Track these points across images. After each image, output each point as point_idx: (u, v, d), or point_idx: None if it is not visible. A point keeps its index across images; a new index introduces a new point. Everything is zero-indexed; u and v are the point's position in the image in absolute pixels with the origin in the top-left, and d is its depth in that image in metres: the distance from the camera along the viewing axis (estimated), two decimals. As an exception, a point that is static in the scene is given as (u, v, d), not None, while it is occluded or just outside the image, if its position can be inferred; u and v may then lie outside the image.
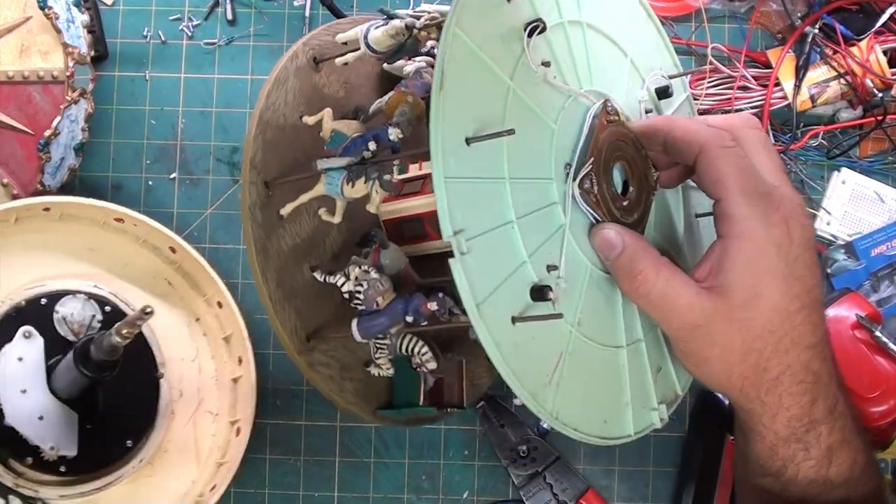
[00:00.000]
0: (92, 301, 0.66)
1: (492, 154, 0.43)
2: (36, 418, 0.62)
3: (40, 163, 0.66)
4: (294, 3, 0.75)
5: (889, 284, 0.70)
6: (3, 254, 0.68)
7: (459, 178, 0.40)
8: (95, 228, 0.69)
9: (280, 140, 0.51)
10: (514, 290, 0.42)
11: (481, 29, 0.42)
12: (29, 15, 0.66)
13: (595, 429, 0.47)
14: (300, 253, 0.52)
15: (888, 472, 0.71)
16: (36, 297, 0.65)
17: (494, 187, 0.43)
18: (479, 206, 0.41)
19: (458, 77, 0.41)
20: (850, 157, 0.72)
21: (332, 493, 0.73)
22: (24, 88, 0.66)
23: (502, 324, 0.41)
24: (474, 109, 0.42)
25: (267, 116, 0.50)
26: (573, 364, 0.46)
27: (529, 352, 0.43)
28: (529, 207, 0.44)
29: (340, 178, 0.47)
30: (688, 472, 0.70)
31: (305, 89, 0.53)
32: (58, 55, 0.66)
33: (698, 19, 0.74)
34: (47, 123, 0.66)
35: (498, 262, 0.42)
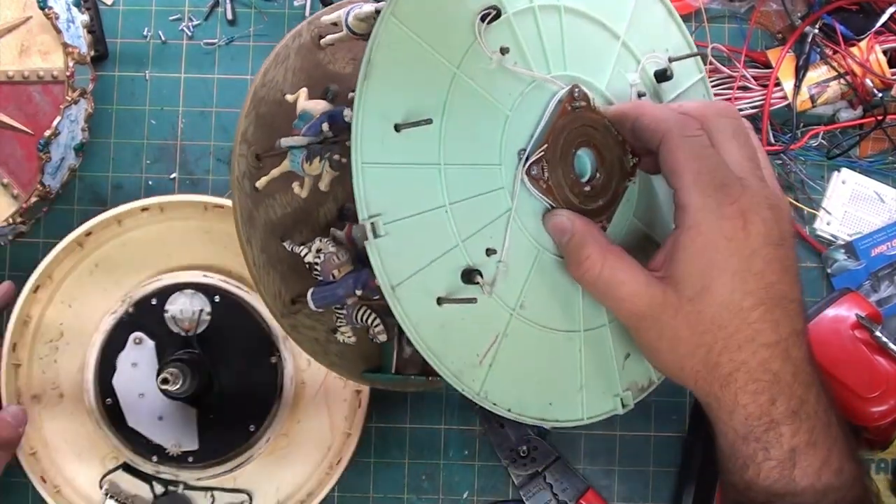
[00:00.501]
0: (199, 294, 0.67)
1: (426, 140, 0.44)
2: (156, 419, 0.66)
3: (40, 163, 0.66)
4: (294, 3, 0.75)
5: (889, 284, 0.70)
6: (113, 257, 0.70)
7: (383, 164, 0.42)
8: (199, 217, 0.70)
9: (276, 114, 0.52)
10: (443, 271, 0.44)
11: (427, 16, 0.43)
12: (29, 15, 0.66)
13: (535, 410, 0.48)
14: (290, 222, 0.53)
15: (888, 472, 0.71)
16: (146, 298, 0.67)
17: (426, 172, 0.44)
18: (406, 191, 0.43)
19: (390, 65, 0.42)
20: (850, 157, 0.72)
21: (332, 492, 0.73)
22: (24, 88, 0.66)
23: (426, 305, 0.43)
24: (408, 96, 0.43)
25: (262, 93, 0.51)
26: (511, 346, 0.47)
27: (458, 333, 0.45)
28: (471, 192, 0.45)
29: (301, 155, 0.48)
30: (688, 472, 0.70)
31: (307, 66, 0.53)
32: (58, 55, 0.66)
33: (698, 19, 0.74)
34: (47, 123, 0.66)
35: (424, 245, 0.43)
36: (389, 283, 0.42)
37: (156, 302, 0.67)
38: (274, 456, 0.70)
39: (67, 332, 0.71)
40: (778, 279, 0.45)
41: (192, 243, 0.70)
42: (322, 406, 0.70)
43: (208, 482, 0.69)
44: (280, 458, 0.70)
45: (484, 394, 0.46)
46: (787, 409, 0.45)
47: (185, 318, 0.67)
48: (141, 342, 0.67)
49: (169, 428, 0.66)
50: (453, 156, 0.45)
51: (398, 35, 0.43)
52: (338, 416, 0.70)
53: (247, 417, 0.67)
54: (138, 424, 0.66)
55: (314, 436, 0.70)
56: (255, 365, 0.67)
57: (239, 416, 0.67)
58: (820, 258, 0.72)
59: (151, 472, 0.68)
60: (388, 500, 0.73)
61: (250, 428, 0.67)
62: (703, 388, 0.47)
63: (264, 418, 0.67)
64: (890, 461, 0.71)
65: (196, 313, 0.67)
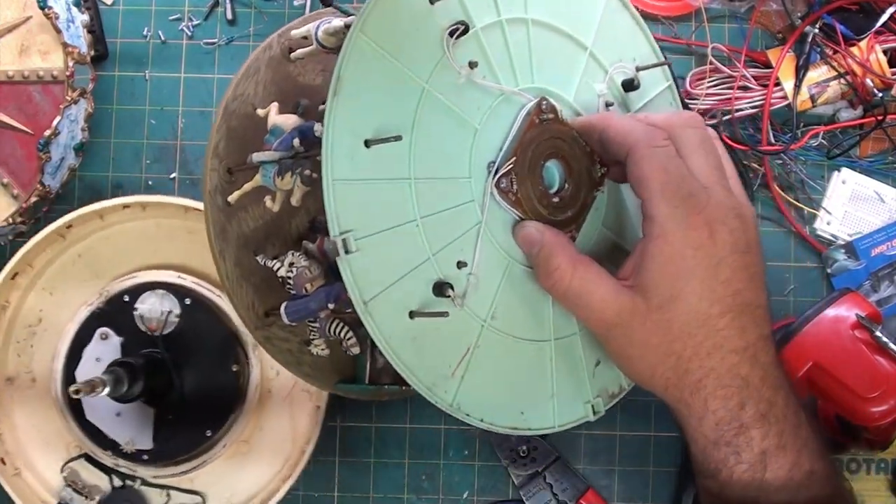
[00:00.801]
0: (170, 295, 0.67)
1: (396, 155, 0.44)
2: (114, 415, 0.66)
3: (40, 162, 0.66)
4: (294, 3, 0.75)
5: (889, 284, 0.70)
6: (96, 249, 0.71)
7: (353, 180, 0.43)
8: (182, 217, 0.71)
9: (247, 128, 0.52)
10: (415, 285, 0.45)
11: (396, 32, 0.44)
12: (29, 15, 0.66)
13: (508, 420, 0.49)
14: (262, 235, 0.54)
15: (888, 472, 0.71)
16: (120, 294, 0.68)
17: (396, 187, 0.44)
18: (376, 206, 0.43)
19: (359, 81, 0.43)
20: (850, 157, 0.72)
21: (332, 493, 0.73)
22: (24, 88, 0.66)
23: (398, 318, 0.44)
24: (378, 112, 0.44)
25: (234, 107, 0.51)
26: (483, 357, 0.47)
27: (430, 345, 0.45)
28: (441, 206, 0.46)
29: (273, 170, 0.49)
30: (688, 472, 0.70)
31: (278, 79, 0.54)
32: (58, 55, 0.66)
33: (698, 19, 0.74)
34: (47, 123, 0.66)
35: (395, 260, 0.44)
36: (361, 298, 0.42)
37: (128, 299, 0.67)
38: (233, 461, 0.70)
39: (46, 318, 0.71)
40: (745, 286, 0.46)
41: (175, 242, 0.71)
42: (285, 416, 0.70)
43: (165, 481, 0.69)
44: (239, 463, 0.70)
45: (457, 405, 0.46)
46: (757, 413, 0.46)
47: (152, 318, 0.67)
48: (107, 338, 0.67)
49: (125, 425, 0.66)
50: (423, 170, 0.45)
51: (367, 50, 0.43)
52: (300, 426, 0.70)
53: (205, 422, 0.67)
54: (96, 419, 0.67)
55: (275, 444, 0.70)
56: (219, 370, 0.67)
57: (197, 419, 0.67)
58: (820, 258, 0.72)
59: (111, 465, 0.68)
60: (388, 500, 0.73)
61: (207, 433, 0.67)
62: (674, 394, 0.47)
63: (223, 424, 0.67)
64: (890, 461, 0.71)
65: (164, 314, 0.67)
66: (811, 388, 0.64)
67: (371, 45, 0.43)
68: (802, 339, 0.64)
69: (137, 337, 0.67)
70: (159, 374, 0.65)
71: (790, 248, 0.73)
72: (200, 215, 0.68)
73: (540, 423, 0.50)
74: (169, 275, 0.69)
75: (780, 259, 0.73)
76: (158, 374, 0.65)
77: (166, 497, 0.70)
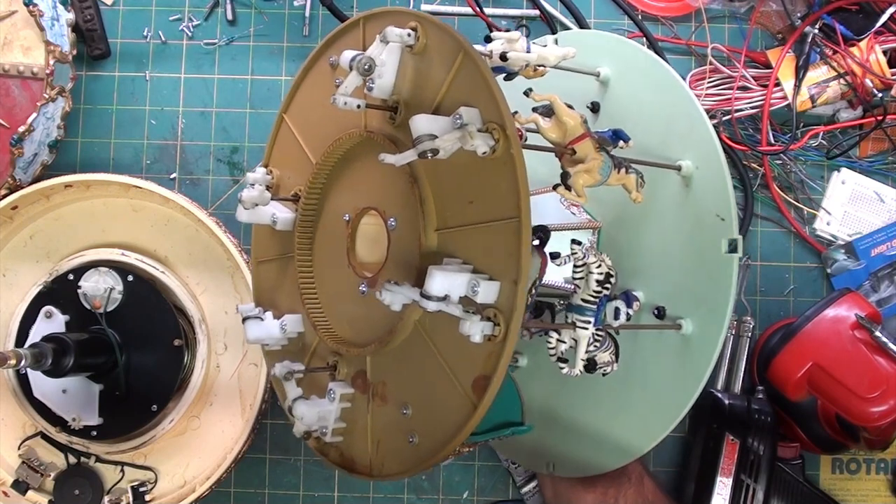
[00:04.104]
0: (112, 272, 0.68)
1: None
2: (60, 392, 0.67)
3: (13, 157, 0.66)
4: (294, 3, 0.75)
5: (889, 284, 0.70)
6: (46, 230, 0.72)
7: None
8: (126, 195, 0.71)
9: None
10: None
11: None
12: (14, 9, 0.66)
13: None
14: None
15: (888, 472, 0.71)
16: (64, 274, 0.68)
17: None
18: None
19: None
20: (850, 157, 0.72)
21: (332, 493, 0.73)
22: (3, 81, 0.66)
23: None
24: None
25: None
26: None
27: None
28: None
29: (610, 163, 0.52)
30: (688, 472, 0.70)
31: None
32: (39, 52, 0.66)
33: (698, 19, 0.74)
34: (23, 118, 0.66)
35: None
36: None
37: (72, 277, 0.68)
38: (185, 436, 0.71)
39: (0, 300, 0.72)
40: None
41: (121, 220, 0.72)
42: (234, 391, 0.71)
43: (118, 456, 0.70)
44: (191, 438, 0.71)
45: None
46: None
47: (95, 296, 0.67)
48: (51, 316, 0.67)
49: (71, 402, 0.67)
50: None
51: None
52: (248, 402, 0.71)
53: (150, 397, 0.67)
54: (43, 396, 0.67)
55: (226, 419, 0.71)
56: (163, 346, 0.68)
57: (143, 395, 0.67)
58: (820, 258, 0.72)
59: (65, 443, 0.69)
60: (388, 500, 0.73)
61: (153, 408, 0.67)
62: None
63: (167, 399, 0.67)
64: (890, 461, 0.71)
65: (107, 291, 0.67)
66: (811, 388, 0.64)
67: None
68: (802, 339, 0.64)
69: (82, 315, 0.67)
70: (102, 350, 0.66)
71: (790, 248, 0.73)
72: (144, 193, 0.69)
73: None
74: (112, 252, 0.70)
75: (780, 259, 0.73)
76: (101, 350, 0.66)
77: (120, 473, 0.71)
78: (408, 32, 0.48)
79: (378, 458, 0.52)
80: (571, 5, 0.73)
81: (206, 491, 0.68)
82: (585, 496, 0.62)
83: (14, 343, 0.68)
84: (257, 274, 0.63)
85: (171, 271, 0.70)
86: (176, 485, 0.71)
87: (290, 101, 0.61)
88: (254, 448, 0.72)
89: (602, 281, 0.50)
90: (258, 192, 0.57)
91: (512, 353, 0.44)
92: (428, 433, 0.49)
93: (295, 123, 0.60)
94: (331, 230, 0.57)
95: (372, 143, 0.53)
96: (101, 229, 0.72)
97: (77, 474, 0.70)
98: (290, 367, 0.55)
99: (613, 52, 0.62)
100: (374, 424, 0.53)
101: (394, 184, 0.51)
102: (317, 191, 0.58)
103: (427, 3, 0.75)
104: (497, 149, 0.44)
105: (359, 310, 0.54)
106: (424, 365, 0.49)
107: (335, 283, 0.57)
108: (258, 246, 0.63)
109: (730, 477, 0.65)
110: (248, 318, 0.57)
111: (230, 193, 0.75)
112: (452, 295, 0.44)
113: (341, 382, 0.55)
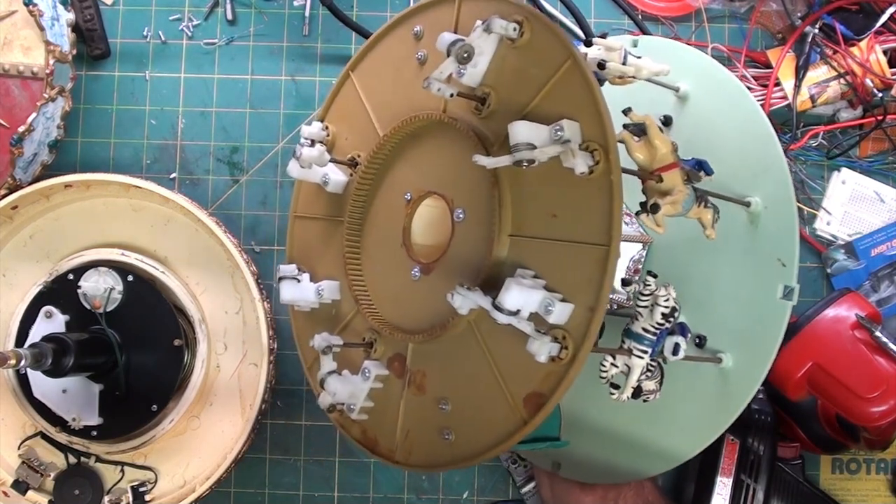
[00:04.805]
0: (112, 272, 0.67)
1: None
2: (60, 392, 0.67)
3: (12, 157, 0.66)
4: (294, 3, 0.75)
5: (889, 284, 0.70)
6: (46, 230, 0.72)
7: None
8: (125, 195, 0.71)
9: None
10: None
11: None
12: (14, 9, 0.66)
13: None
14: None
15: (888, 472, 0.71)
16: (64, 274, 0.68)
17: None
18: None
19: None
20: (850, 157, 0.72)
21: (331, 493, 0.73)
22: (3, 81, 0.66)
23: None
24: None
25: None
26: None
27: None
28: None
29: (692, 197, 0.50)
30: (687, 472, 0.70)
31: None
32: (39, 52, 0.66)
33: (698, 19, 0.74)
34: (23, 118, 0.66)
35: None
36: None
37: (72, 277, 0.68)
38: (185, 436, 0.71)
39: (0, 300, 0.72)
40: None
41: (120, 220, 0.72)
42: (234, 391, 0.71)
43: (118, 457, 0.70)
44: (191, 438, 0.71)
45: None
46: None
47: (95, 296, 0.67)
48: (51, 316, 0.67)
49: (71, 402, 0.67)
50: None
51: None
52: (247, 402, 0.70)
53: (150, 397, 0.67)
54: (43, 396, 0.67)
55: (226, 419, 0.71)
56: (163, 346, 0.67)
57: (142, 395, 0.67)
58: (820, 258, 0.72)
59: (65, 443, 0.69)
60: (388, 500, 0.73)
61: (153, 408, 0.67)
62: None
63: (167, 399, 0.67)
64: (890, 461, 0.71)
65: (106, 291, 0.67)
66: (811, 388, 0.64)
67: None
68: (802, 339, 0.63)
69: (82, 315, 0.67)
70: (102, 350, 0.66)
71: (790, 248, 0.73)
72: (144, 193, 0.69)
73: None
74: (112, 252, 0.69)
75: (780, 259, 0.73)
76: (101, 350, 0.66)
77: (120, 473, 0.70)
78: (514, 27, 0.47)
79: (406, 446, 0.52)
80: (572, 5, 0.72)
81: (207, 491, 0.67)
82: (584, 498, 0.62)
83: (14, 343, 0.68)
84: (294, 228, 0.62)
85: (171, 271, 0.70)
86: (176, 485, 0.71)
87: (360, 61, 0.58)
88: (254, 448, 0.72)
89: (667, 314, 0.49)
90: (318, 152, 0.55)
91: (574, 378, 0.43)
92: (466, 435, 0.48)
93: (362, 84, 0.58)
94: (387, 205, 0.56)
95: (448, 128, 0.51)
96: (100, 229, 0.72)
97: (77, 474, 0.70)
98: (330, 341, 0.53)
99: (695, 69, 0.59)
100: (406, 411, 0.52)
101: (469, 176, 0.50)
102: (379, 161, 0.56)
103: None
104: (595, 171, 0.42)
105: (406, 293, 0.53)
106: (472, 366, 0.48)
107: (383, 260, 0.55)
108: (300, 200, 0.62)
109: (730, 477, 0.65)
110: (285, 279, 0.56)
111: (230, 193, 0.75)
112: (524, 311, 0.43)
113: (377, 362, 0.54)
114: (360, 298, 0.55)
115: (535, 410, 0.44)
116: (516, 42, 0.47)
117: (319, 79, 0.75)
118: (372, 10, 0.75)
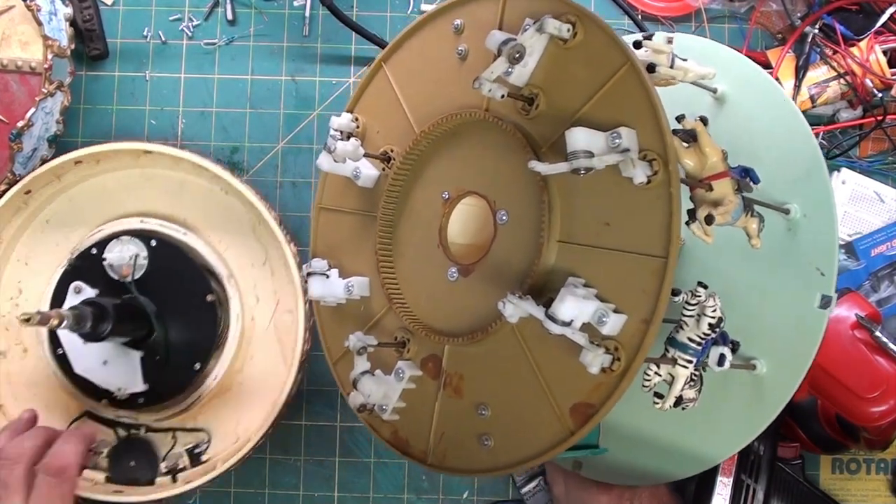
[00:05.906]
0: (135, 239, 0.68)
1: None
2: (101, 364, 0.67)
3: (12, 152, 0.66)
4: (294, 3, 0.75)
5: (889, 284, 0.70)
6: (61, 212, 0.72)
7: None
8: (136, 164, 0.71)
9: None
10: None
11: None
12: (12, 4, 0.66)
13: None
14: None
15: (888, 472, 0.71)
16: (88, 248, 0.68)
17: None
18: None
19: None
20: (850, 157, 0.72)
21: (332, 493, 0.73)
22: (1, 77, 0.66)
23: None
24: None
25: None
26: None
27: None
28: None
29: (740, 206, 0.48)
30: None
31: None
32: (37, 47, 0.66)
33: (698, 19, 0.74)
34: (22, 113, 0.66)
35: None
36: None
37: (95, 251, 0.68)
38: (231, 392, 0.71)
39: (25, 288, 0.72)
40: None
41: (133, 190, 0.72)
42: (273, 340, 0.71)
43: (168, 423, 0.70)
44: (237, 393, 0.71)
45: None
46: None
47: (121, 265, 0.68)
48: (80, 291, 0.68)
49: (114, 372, 0.67)
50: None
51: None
52: (288, 348, 0.70)
53: (191, 356, 0.67)
54: (86, 371, 0.67)
55: (268, 370, 0.71)
56: (195, 304, 0.68)
57: (183, 355, 0.67)
58: (820, 258, 0.72)
59: (113, 417, 0.69)
60: (388, 500, 0.73)
61: (196, 366, 0.67)
62: None
63: (209, 355, 0.68)
64: (890, 461, 0.71)
65: (132, 258, 0.67)
66: (811, 388, 0.64)
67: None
68: (802, 339, 0.63)
69: (111, 286, 0.67)
70: (137, 317, 0.66)
71: (790, 248, 0.73)
72: (153, 159, 0.70)
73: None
74: (132, 222, 0.70)
75: (780, 259, 0.73)
76: (136, 315, 0.66)
77: (172, 439, 0.70)
78: (567, 27, 0.45)
79: (440, 449, 0.51)
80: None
81: (261, 439, 0.67)
82: (600, 497, 0.61)
83: (46, 329, 0.68)
84: (318, 220, 0.61)
85: (193, 232, 0.70)
86: (230, 440, 0.70)
87: (394, 52, 0.57)
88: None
89: (714, 325, 0.48)
90: (353, 146, 0.54)
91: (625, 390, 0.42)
92: (507, 442, 0.48)
93: (395, 76, 0.57)
94: (422, 203, 0.54)
95: (492, 128, 0.49)
96: (115, 203, 0.72)
97: (130, 447, 0.70)
98: (365, 341, 0.53)
99: (732, 70, 0.57)
100: (441, 414, 0.51)
101: (513, 177, 0.48)
102: (414, 157, 0.54)
103: (427, 4, 0.75)
104: (653, 181, 0.42)
105: (443, 294, 0.52)
106: (514, 372, 0.47)
107: (418, 259, 0.54)
108: (327, 192, 0.60)
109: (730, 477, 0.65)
110: (314, 274, 0.56)
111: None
112: (577, 321, 0.42)
113: (410, 363, 0.53)
114: (392, 297, 0.54)
115: (583, 421, 0.43)
116: (568, 43, 0.46)
117: (319, 79, 0.75)
118: (372, 10, 0.75)
